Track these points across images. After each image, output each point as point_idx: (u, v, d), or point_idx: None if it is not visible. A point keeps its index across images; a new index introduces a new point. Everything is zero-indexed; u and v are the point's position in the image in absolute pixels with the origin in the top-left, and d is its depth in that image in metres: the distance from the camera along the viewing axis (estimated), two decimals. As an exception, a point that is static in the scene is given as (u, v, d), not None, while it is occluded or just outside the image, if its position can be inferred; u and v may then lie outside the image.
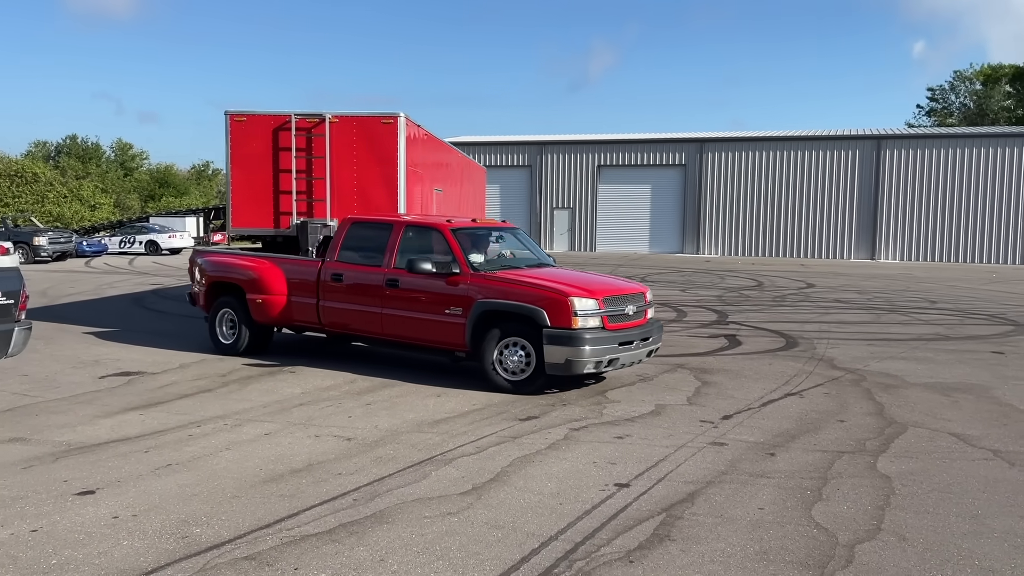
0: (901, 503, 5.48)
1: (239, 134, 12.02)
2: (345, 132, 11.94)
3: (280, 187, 12.07)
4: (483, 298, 8.81)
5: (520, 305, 8.61)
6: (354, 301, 9.86)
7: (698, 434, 7.22)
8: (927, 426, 7.66)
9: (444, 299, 9.09)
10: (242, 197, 12.16)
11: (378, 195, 11.98)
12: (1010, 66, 60.53)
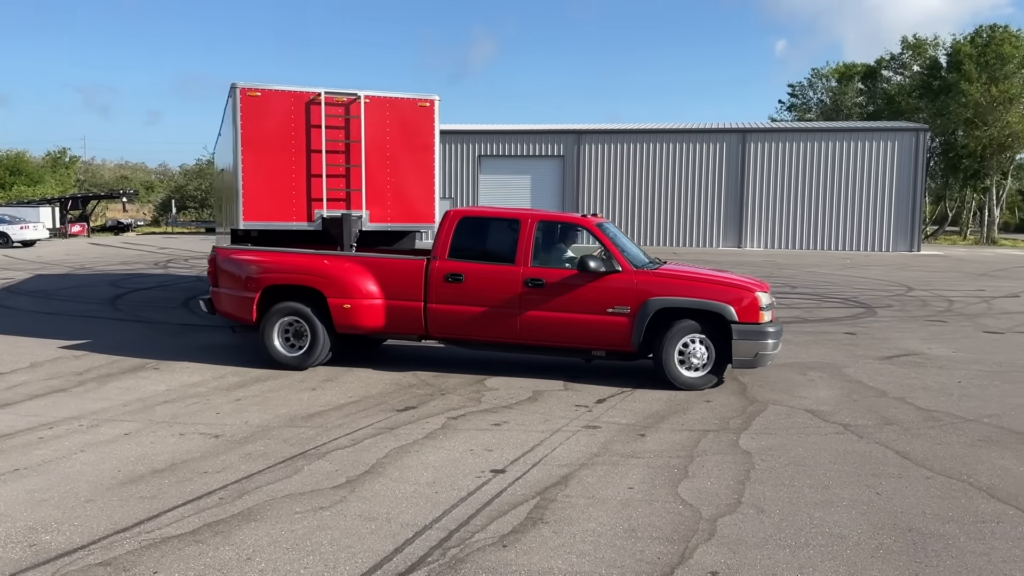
0: (760, 477, 5.77)
1: (252, 112, 10.13)
2: (378, 114, 10.69)
3: (312, 174, 10.51)
4: (657, 296, 8.54)
5: (705, 302, 8.51)
6: (480, 304, 8.92)
7: (573, 418, 7.36)
8: (785, 403, 8.09)
9: (607, 298, 8.62)
10: (257, 185, 10.28)
11: (412, 185, 11.04)
12: (862, 65, 64.59)
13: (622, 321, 8.60)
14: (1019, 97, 46.27)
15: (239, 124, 10.14)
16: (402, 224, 11.30)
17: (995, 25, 50.68)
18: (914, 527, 4.86)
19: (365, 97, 10.56)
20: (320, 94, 10.36)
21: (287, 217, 10.47)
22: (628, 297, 8.59)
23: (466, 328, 9.02)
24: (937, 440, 6.80)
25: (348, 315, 9.11)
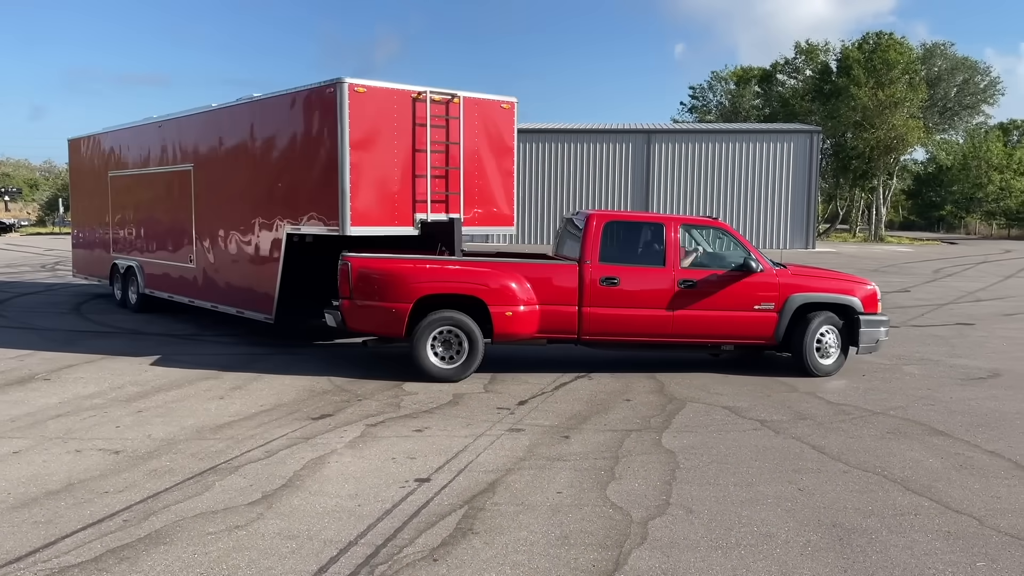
0: (686, 476, 5.78)
1: (358, 110, 9.39)
2: (469, 114, 10.36)
3: (416, 175, 9.96)
4: (797, 292, 9.34)
5: (839, 296, 9.53)
6: (635, 306, 9.18)
7: (496, 421, 7.23)
8: (703, 401, 8.18)
9: (754, 296, 9.29)
10: (362, 188, 9.52)
11: (496, 188, 10.86)
12: (758, 68, 66.97)
13: (769, 316, 9.37)
14: (903, 101, 48.80)
15: (345, 123, 9.35)
16: (488, 228, 11.15)
17: (880, 32, 53.41)
18: (838, 522, 4.94)
19: (463, 97, 10.29)
20: (426, 92, 9.93)
21: (390, 222, 9.88)
22: (772, 294, 9.36)
23: (620, 329, 9.27)
24: (849, 434, 6.98)
25: (509, 323, 8.98)
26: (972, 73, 58.58)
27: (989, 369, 9.98)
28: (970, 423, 7.36)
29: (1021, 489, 5.56)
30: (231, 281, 11.66)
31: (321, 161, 9.72)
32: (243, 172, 11.25)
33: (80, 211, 16.75)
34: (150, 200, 13.66)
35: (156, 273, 13.63)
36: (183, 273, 12.86)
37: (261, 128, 10.85)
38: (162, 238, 13.37)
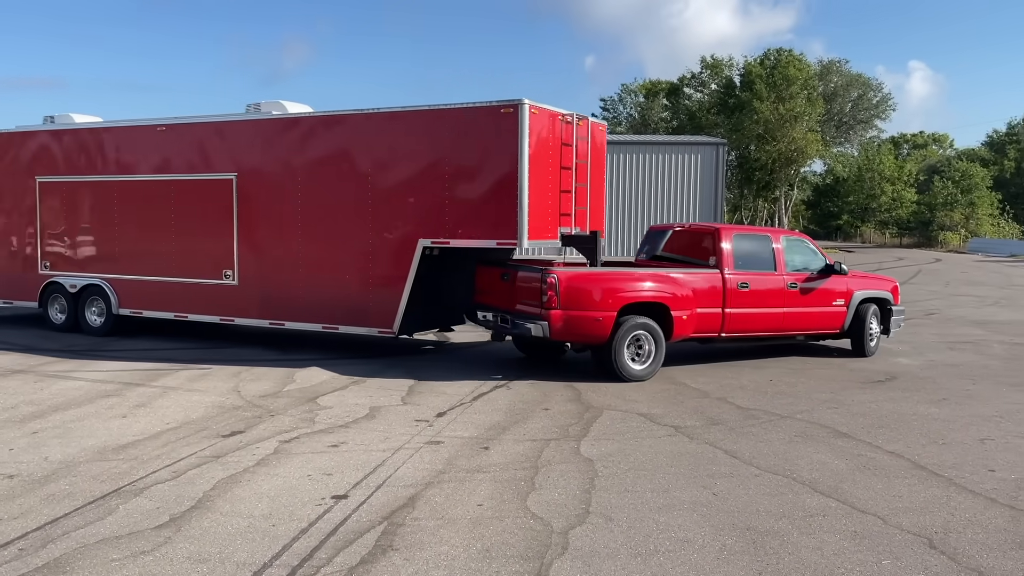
0: (604, 484, 5.83)
1: (532, 130, 9.87)
2: (592, 135, 11.11)
3: (562, 190, 10.62)
4: (857, 290, 11.51)
5: (883, 292, 11.89)
6: (759, 305, 10.59)
7: (415, 434, 7.14)
8: (619, 408, 8.29)
9: (833, 294, 11.27)
10: (533, 204, 9.97)
11: (597, 200, 11.57)
12: (666, 82, 68.81)
13: (842, 311, 11.37)
14: (802, 115, 50.95)
15: (524, 142, 9.78)
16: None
17: (781, 49, 55.67)
18: (751, 525, 5.06)
19: (590, 121, 11.08)
20: (571, 115, 10.61)
21: (545, 235, 10.36)
22: (844, 292, 11.36)
23: (751, 327, 10.66)
24: (759, 438, 7.19)
25: (683, 325, 9.99)
26: (865, 89, 61.68)
27: (886, 372, 10.47)
28: (871, 425, 7.68)
29: (920, 488, 5.83)
30: (318, 296, 11.12)
31: (493, 178, 10.04)
32: (345, 185, 10.89)
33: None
34: (136, 211, 12.30)
35: (145, 291, 12.31)
36: (209, 290, 11.85)
37: (382, 142, 10.68)
38: (164, 253, 12.13)
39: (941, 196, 59.89)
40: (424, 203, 10.44)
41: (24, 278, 13.34)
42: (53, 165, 13.02)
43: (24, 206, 13.28)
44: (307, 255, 11.19)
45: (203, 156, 11.88)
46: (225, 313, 11.85)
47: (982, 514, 5.29)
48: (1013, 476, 6.10)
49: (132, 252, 12.44)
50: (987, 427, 7.63)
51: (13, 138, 13.38)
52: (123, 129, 12.59)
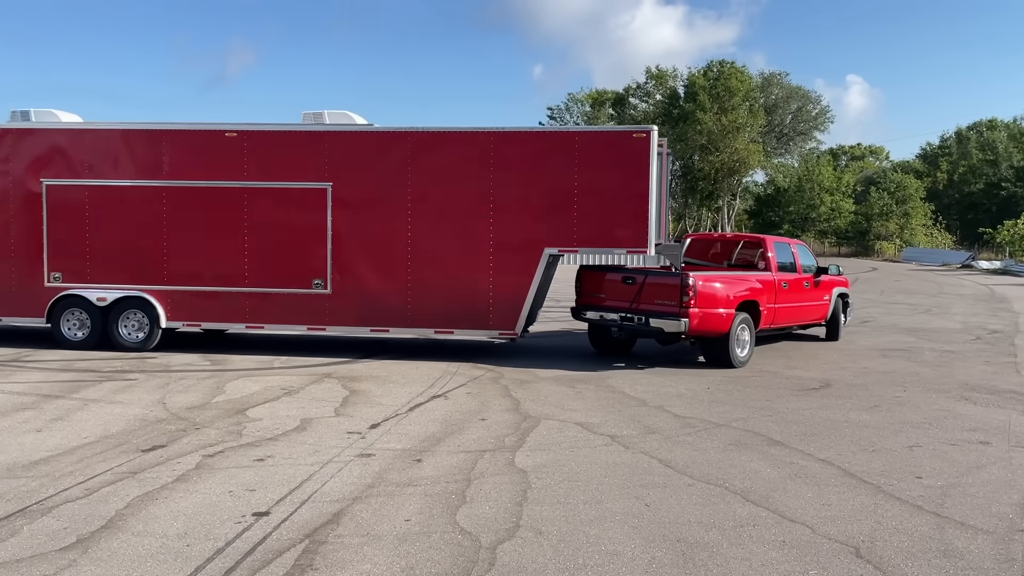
0: (537, 496, 5.73)
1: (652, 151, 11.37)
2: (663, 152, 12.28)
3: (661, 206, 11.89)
4: (836, 286, 14.13)
5: (846, 289, 14.71)
6: (792, 301, 12.78)
7: (345, 447, 6.95)
8: (556, 417, 8.21)
9: (826, 289, 13.79)
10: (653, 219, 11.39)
11: None
12: (612, 92, 69.49)
13: (827, 304, 13.91)
14: (744, 127, 51.92)
15: (653, 163, 11.25)
16: None
17: (723, 61, 56.72)
18: (682, 537, 5.01)
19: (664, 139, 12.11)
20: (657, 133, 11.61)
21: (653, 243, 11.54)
22: (830, 288, 13.90)
23: (787, 320, 12.84)
24: (694, 447, 7.18)
25: (765, 319, 12.04)
26: (805, 102, 63.22)
27: (821, 380, 10.60)
28: (804, 432, 7.74)
29: (849, 496, 5.86)
30: (431, 303, 11.57)
31: (624, 194, 11.31)
32: (462, 197, 11.51)
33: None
34: (195, 218, 11.77)
35: (205, 302, 11.82)
36: (295, 300, 11.73)
37: (505, 158, 11.43)
38: (232, 262, 11.76)
39: (877, 206, 61.56)
40: (551, 215, 11.41)
41: (22, 292, 11.95)
42: (68, 167, 11.90)
43: (21, 212, 11.94)
44: (418, 264, 11.59)
45: (290, 164, 11.67)
46: (314, 322, 11.79)
47: (908, 522, 5.33)
48: (939, 483, 6.18)
49: (188, 261, 11.85)
50: (916, 434, 7.75)
51: (5, 135, 11.98)
52: (177, 133, 11.90)
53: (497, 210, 11.46)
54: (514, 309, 11.45)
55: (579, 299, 12.23)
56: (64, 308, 11.96)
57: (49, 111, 12.23)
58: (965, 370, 11.48)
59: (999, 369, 11.63)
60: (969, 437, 7.64)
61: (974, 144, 72.70)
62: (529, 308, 11.51)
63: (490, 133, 11.49)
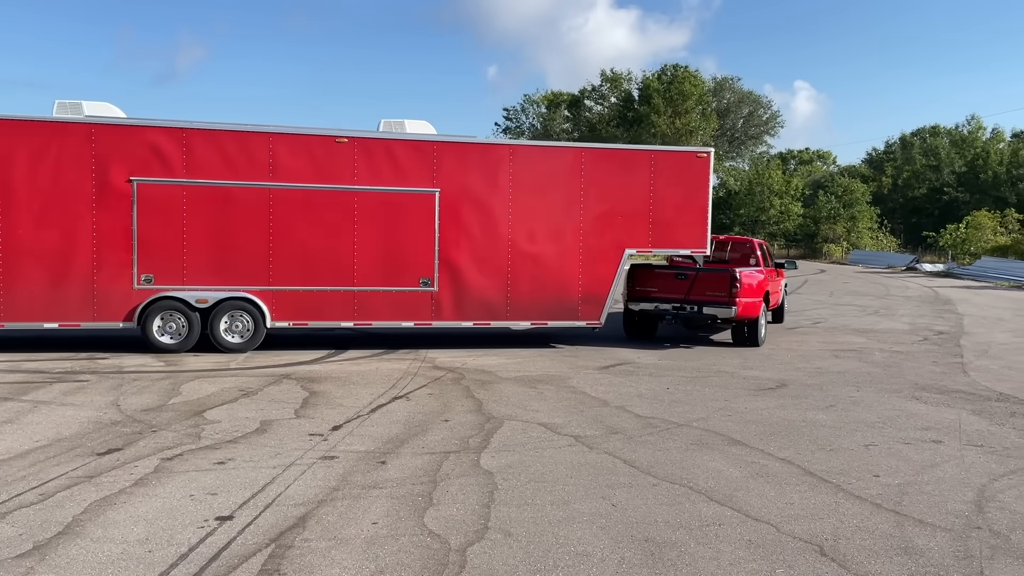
0: (504, 498, 5.72)
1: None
2: None
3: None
4: (783, 279, 17.36)
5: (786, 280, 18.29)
6: (771, 291, 15.25)
7: (308, 449, 6.85)
8: (520, 418, 8.21)
9: (779, 282, 16.90)
10: None
11: None
12: (567, 94, 69.83)
13: (780, 293, 16.85)
14: (698, 130, 52.64)
15: (710, 178, 13.87)
16: None
17: (677, 65, 57.37)
18: (650, 536, 5.05)
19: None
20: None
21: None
22: (779, 280, 16.63)
23: (771, 304, 15.54)
24: (657, 447, 7.24)
25: (771, 304, 15.45)
26: (756, 106, 64.34)
27: (777, 380, 10.79)
28: (763, 432, 7.86)
29: (811, 494, 5.97)
30: (530, 298, 12.96)
31: (689, 203, 13.55)
32: (557, 204, 13.02)
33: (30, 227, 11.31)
34: (304, 220, 11.99)
35: (312, 302, 12.11)
36: (403, 297, 12.45)
37: (595, 171, 13.17)
38: (341, 262, 12.19)
39: (825, 210, 62.90)
40: (630, 220, 13.30)
41: (105, 295, 11.46)
42: (164, 166, 11.58)
43: (105, 212, 11.39)
44: (517, 264, 12.88)
45: (399, 170, 12.35)
46: (421, 318, 12.59)
47: (868, 519, 5.44)
48: (896, 481, 6.33)
49: (295, 261, 12.04)
50: (871, 433, 7.93)
51: (88, 130, 11.32)
52: (287, 136, 12.00)
53: (585, 215, 13.11)
54: (600, 302, 13.16)
55: (632, 293, 14.23)
56: (157, 311, 11.68)
57: (104, 104, 11.81)
58: (915, 370, 11.80)
59: (947, 369, 11.98)
60: (922, 436, 7.85)
61: (918, 150, 74.77)
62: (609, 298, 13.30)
63: (580, 149, 13.34)
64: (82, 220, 11.31)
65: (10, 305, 11.12)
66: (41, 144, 11.09)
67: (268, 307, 11.96)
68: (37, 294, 11.20)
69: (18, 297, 11.13)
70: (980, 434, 7.99)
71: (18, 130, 11.06)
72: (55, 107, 11.47)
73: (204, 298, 11.75)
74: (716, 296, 13.42)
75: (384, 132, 12.45)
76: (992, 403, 9.57)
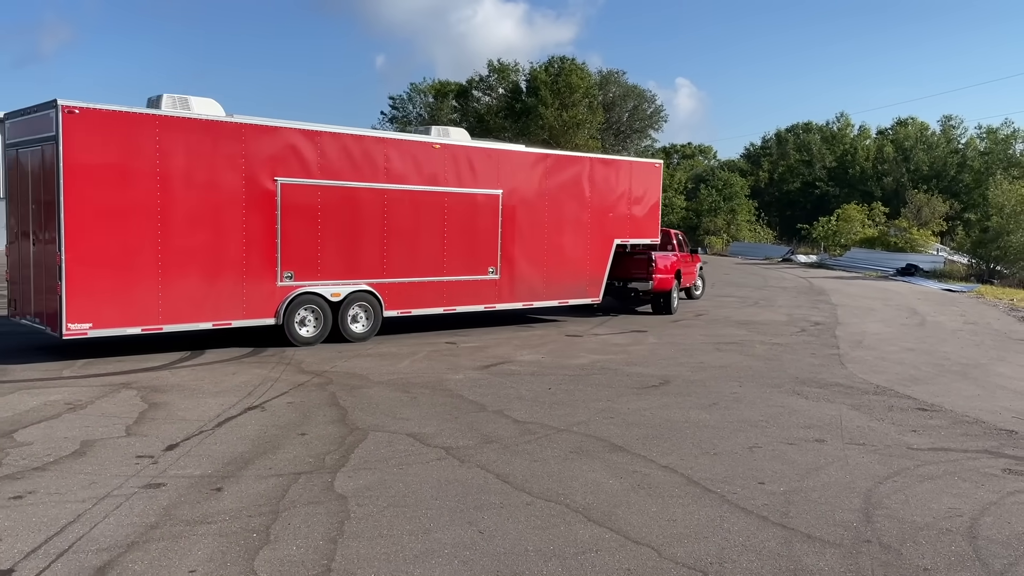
0: (355, 529, 4.99)
1: None
2: None
3: None
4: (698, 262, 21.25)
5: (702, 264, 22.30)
6: (685, 269, 19.29)
7: (131, 475, 5.90)
8: (387, 428, 7.48)
9: (694, 264, 20.88)
10: None
11: None
12: (455, 83, 68.85)
13: (695, 273, 20.68)
14: (584, 123, 52.85)
15: (660, 184, 17.67)
16: None
17: (564, 57, 57.43)
18: (518, 571, 4.43)
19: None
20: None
21: None
22: (696, 264, 20.59)
23: (685, 281, 19.64)
24: (534, 456, 6.67)
25: (684, 280, 19.15)
26: (641, 100, 65.21)
27: (660, 376, 10.45)
28: (646, 435, 7.42)
29: (694, 508, 5.51)
30: (557, 281, 15.38)
31: (647, 203, 16.95)
32: (574, 203, 15.59)
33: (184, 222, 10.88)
34: (406, 219, 13.11)
35: (412, 292, 13.32)
36: (476, 285, 14.14)
37: (597, 177, 15.97)
38: (433, 256, 13.54)
39: (707, 203, 64.57)
40: (617, 217, 16.33)
41: (253, 293, 11.50)
42: (302, 167, 11.88)
43: (253, 211, 11.43)
44: (551, 253, 15.24)
45: (474, 174, 14.03)
46: (488, 302, 14.41)
47: (755, 536, 5.01)
48: (782, 489, 5.97)
49: (399, 256, 13.08)
50: (755, 433, 7.62)
51: (238, 130, 11.28)
52: (398, 142, 13.39)
53: (591, 212, 15.83)
54: (599, 282, 16.13)
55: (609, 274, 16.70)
56: (297, 306, 12.01)
57: (209, 100, 11.57)
58: (794, 363, 11.74)
59: (825, 361, 11.98)
60: (805, 435, 7.59)
61: (792, 145, 77.90)
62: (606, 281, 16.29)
63: (591, 158, 16.31)
64: (235, 220, 11.33)
65: (169, 307, 10.80)
66: (196, 144, 10.91)
67: (383, 298, 12.89)
68: (194, 295, 11.00)
69: (176, 299, 10.84)
70: (861, 431, 7.82)
71: (173, 127, 10.72)
72: (164, 101, 11.09)
73: (337, 291, 12.41)
74: (638, 273, 16.92)
75: (463, 140, 14.34)
76: (870, 396, 9.51)
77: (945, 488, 6.12)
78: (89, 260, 10.08)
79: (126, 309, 10.41)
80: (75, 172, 9.93)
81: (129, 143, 10.32)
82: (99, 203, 10.14)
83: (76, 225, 9.95)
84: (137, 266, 10.46)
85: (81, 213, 9.98)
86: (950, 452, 7.18)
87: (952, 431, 7.98)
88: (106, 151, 10.15)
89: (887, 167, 64.39)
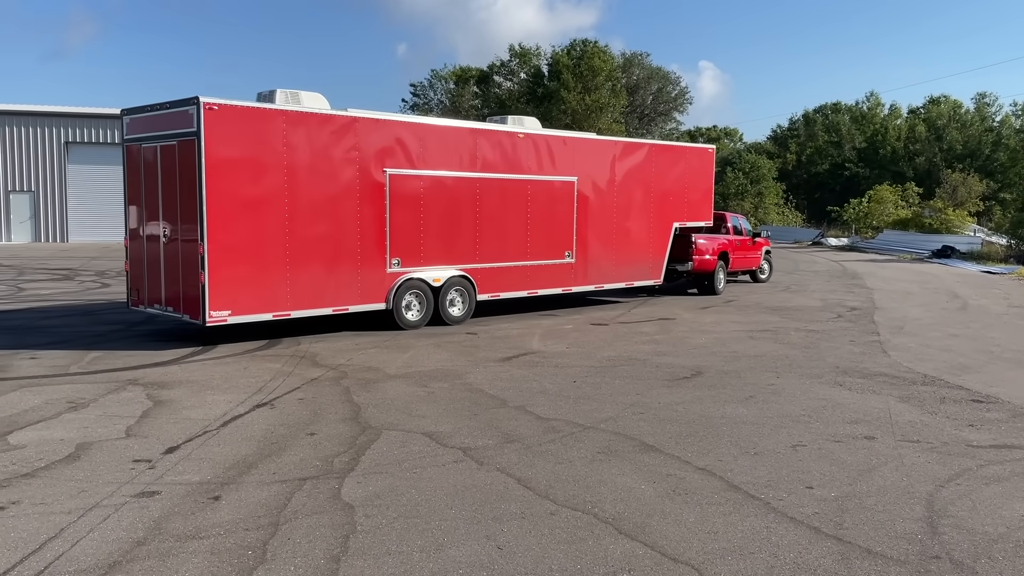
0: (361, 545, 4.52)
1: None
2: None
3: None
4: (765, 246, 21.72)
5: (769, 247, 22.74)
6: (742, 253, 20.18)
7: (125, 482, 5.48)
8: (401, 427, 7.01)
9: (758, 248, 21.19)
10: None
11: None
12: (476, 69, 68.14)
13: (759, 257, 21.10)
14: (607, 106, 52.01)
15: (713, 168, 18.37)
16: None
17: (587, 40, 56.53)
18: (541, 595, 3.93)
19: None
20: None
21: None
22: (760, 247, 21.14)
23: (739, 265, 20.23)
24: (559, 457, 6.17)
25: (733, 263, 19.67)
26: (665, 83, 64.15)
27: (692, 367, 9.89)
28: (679, 433, 6.88)
29: (737, 518, 4.97)
30: (624, 264, 15.95)
31: (701, 188, 17.63)
32: (639, 189, 16.20)
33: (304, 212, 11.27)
34: (494, 205, 13.67)
35: (499, 276, 13.88)
36: (553, 269, 14.69)
37: (658, 163, 16.55)
38: (518, 241, 14.11)
39: (733, 186, 63.44)
40: (675, 201, 16.98)
41: (366, 279, 12.07)
42: (407, 158, 12.44)
43: (366, 200, 11.95)
44: (619, 237, 15.83)
45: (552, 162, 14.58)
46: (564, 285, 14.98)
47: (808, 551, 4.47)
48: (833, 494, 5.41)
49: (489, 242, 13.65)
50: (797, 430, 7.05)
51: (353, 123, 11.77)
52: (488, 132, 13.78)
53: (653, 199, 16.46)
54: (660, 264, 16.76)
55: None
56: (404, 291, 12.52)
57: (316, 94, 11.87)
58: (833, 351, 11.11)
59: (866, 349, 11.34)
60: (853, 431, 7.00)
61: (820, 126, 76.35)
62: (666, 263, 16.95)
63: (652, 144, 17.06)
64: (351, 209, 11.79)
65: (297, 294, 11.24)
66: (317, 137, 11.33)
67: (476, 282, 13.40)
68: (317, 282, 11.45)
69: (302, 286, 11.29)
70: (913, 426, 7.22)
71: (297, 121, 11.13)
72: (277, 96, 11.45)
73: (438, 276, 12.95)
74: (681, 255, 17.51)
75: (540, 128, 14.85)
76: (919, 387, 8.88)
77: (1015, 492, 5.53)
78: (228, 251, 10.51)
79: (260, 296, 10.87)
80: (215, 166, 10.28)
81: (260, 138, 10.76)
82: (236, 196, 10.56)
83: (217, 217, 10.34)
84: (269, 255, 10.92)
85: (221, 206, 10.38)
86: (1014, 450, 6.57)
87: (1013, 425, 7.36)
88: (242, 146, 10.58)
89: (919, 147, 62.79)
